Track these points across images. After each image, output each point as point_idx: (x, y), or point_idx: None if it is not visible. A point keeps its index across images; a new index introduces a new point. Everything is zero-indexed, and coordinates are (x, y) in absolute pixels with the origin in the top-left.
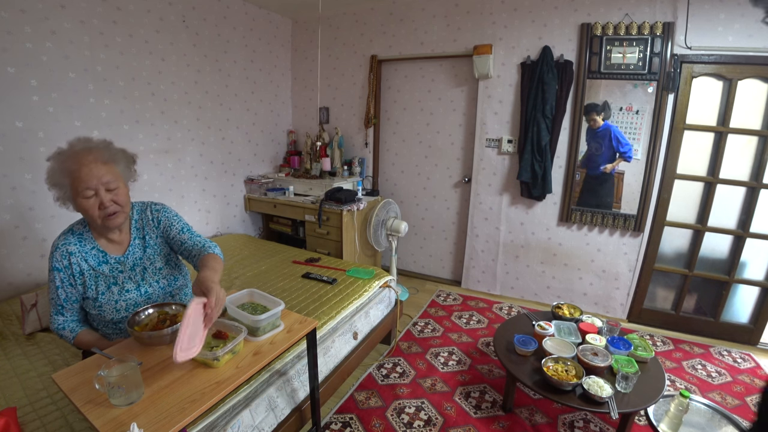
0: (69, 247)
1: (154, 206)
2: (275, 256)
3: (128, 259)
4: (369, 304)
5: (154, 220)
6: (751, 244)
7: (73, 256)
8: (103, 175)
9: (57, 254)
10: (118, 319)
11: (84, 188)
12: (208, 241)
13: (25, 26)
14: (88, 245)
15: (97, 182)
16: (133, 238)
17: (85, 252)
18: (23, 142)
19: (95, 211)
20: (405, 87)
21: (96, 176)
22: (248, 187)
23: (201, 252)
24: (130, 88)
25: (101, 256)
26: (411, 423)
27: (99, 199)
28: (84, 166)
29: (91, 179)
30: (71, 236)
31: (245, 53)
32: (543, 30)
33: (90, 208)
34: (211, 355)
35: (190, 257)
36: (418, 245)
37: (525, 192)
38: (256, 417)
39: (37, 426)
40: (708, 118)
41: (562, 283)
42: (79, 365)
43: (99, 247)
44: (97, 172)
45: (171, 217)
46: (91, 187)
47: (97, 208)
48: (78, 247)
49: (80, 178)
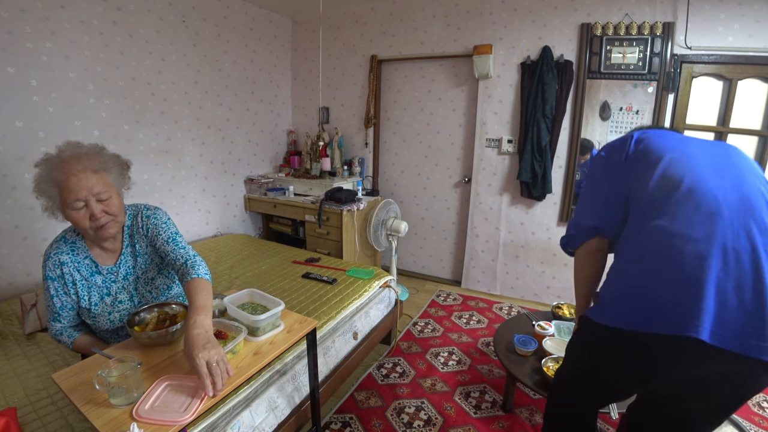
0: (61, 257)
1: (145, 211)
2: (275, 256)
3: (120, 268)
4: (369, 304)
5: (143, 227)
6: None
7: (65, 266)
8: (94, 185)
9: (49, 263)
10: (114, 329)
11: (73, 200)
12: (193, 257)
13: (25, 26)
14: (80, 255)
15: (87, 193)
16: (125, 246)
17: (77, 262)
18: (23, 142)
19: (86, 222)
20: (405, 87)
21: (85, 187)
22: (248, 187)
23: (184, 272)
24: (130, 88)
25: (94, 266)
26: (411, 423)
27: (90, 211)
28: (72, 175)
29: (80, 190)
30: (63, 245)
31: (245, 53)
32: (543, 30)
33: (80, 219)
34: None
35: (175, 271)
36: (418, 245)
37: (525, 192)
38: (256, 417)
39: (37, 426)
40: (708, 118)
41: (562, 283)
42: (79, 365)
43: (92, 257)
44: (86, 183)
45: (160, 224)
46: (81, 198)
47: (88, 220)
48: (70, 257)
49: (69, 188)
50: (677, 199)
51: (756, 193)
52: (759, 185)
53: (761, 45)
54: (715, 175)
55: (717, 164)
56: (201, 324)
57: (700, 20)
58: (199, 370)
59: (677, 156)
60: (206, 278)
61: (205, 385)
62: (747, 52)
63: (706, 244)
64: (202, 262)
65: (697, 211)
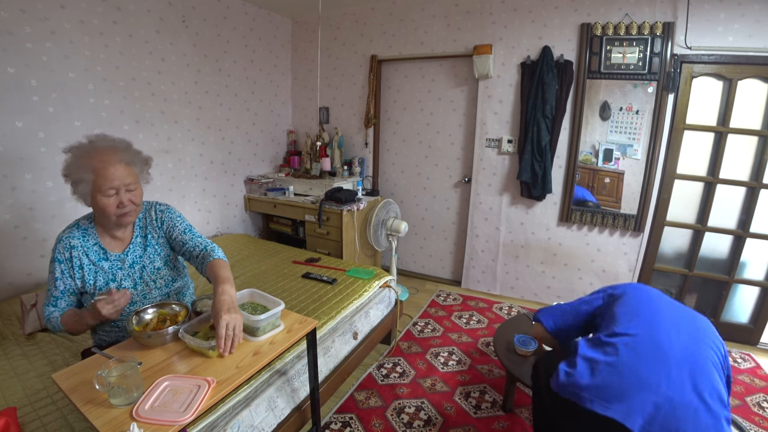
0: (72, 241)
1: (158, 206)
2: (275, 256)
3: (127, 256)
4: (369, 304)
5: (157, 220)
6: (751, 244)
7: (75, 249)
8: (126, 176)
9: (60, 246)
10: (116, 318)
11: (108, 187)
12: (211, 243)
13: (25, 26)
14: (90, 241)
15: (119, 183)
16: (135, 236)
17: (87, 247)
18: (23, 142)
19: (113, 208)
20: (405, 87)
21: (119, 177)
22: (248, 187)
23: (204, 256)
24: (130, 88)
25: (102, 252)
26: (411, 423)
27: (119, 199)
28: (110, 165)
29: (114, 179)
30: (76, 230)
31: (245, 53)
32: (543, 30)
33: (109, 205)
34: (207, 345)
35: (192, 259)
36: (418, 245)
37: (525, 192)
38: (256, 417)
39: (37, 426)
40: (708, 118)
41: (562, 283)
42: (79, 365)
43: (101, 243)
44: (121, 173)
45: (175, 218)
46: (114, 187)
47: (115, 207)
48: (81, 242)
49: (105, 176)
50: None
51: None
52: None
53: (761, 45)
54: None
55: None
56: (227, 291)
57: (700, 20)
58: (220, 331)
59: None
60: (225, 260)
61: (221, 346)
62: (747, 52)
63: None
64: (218, 247)
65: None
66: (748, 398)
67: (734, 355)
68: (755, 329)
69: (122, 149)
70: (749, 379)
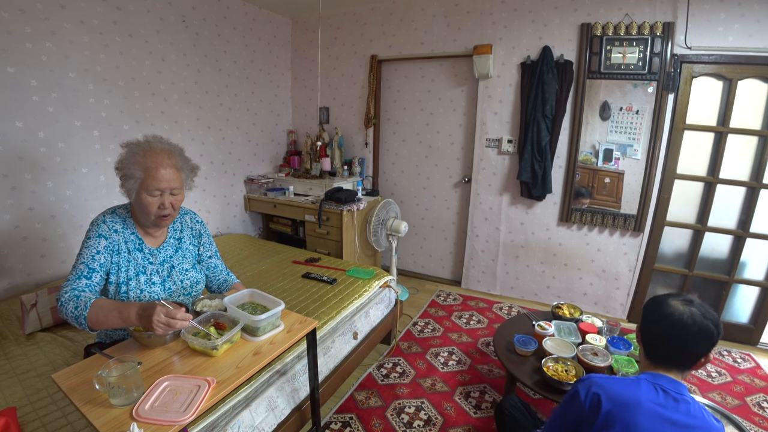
0: (116, 225)
1: (195, 217)
2: (275, 256)
3: (160, 253)
4: (369, 304)
5: (194, 230)
6: (751, 244)
7: (117, 234)
8: (174, 180)
9: (104, 226)
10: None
11: (155, 188)
12: (228, 270)
13: (25, 26)
14: (129, 230)
15: (167, 185)
16: (169, 236)
17: (125, 235)
18: (23, 142)
19: (154, 208)
20: (405, 87)
21: (168, 180)
22: (248, 187)
23: (226, 279)
24: (130, 88)
25: (138, 243)
26: (411, 423)
27: (161, 200)
28: (162, 167)
29: (163, 181)
30: (117, 217)
31: (245, 53)
32: (543, 30)
33: (152, 204)
34: (210, 344)
35: (213, 278)
36: (418, 245)
37: (525, 192)
38: (256, 417)
39: (37, 426)
40: (708, 118)
41: (562, 283)
42: (79, 365)
43: (138, 234)
44: (170, 177)
45: (210, 238)
46: (161, 188)
47: (157, 207)
48: (122, 227)
49: (156, 177)
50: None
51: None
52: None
53: (761, 45)
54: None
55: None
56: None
57: (700, 20)
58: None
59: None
60: (239, 282)
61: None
62: (747, 52)
63: None
64: (231, 272)
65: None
66: (748, 398)
67: (734, 355)
68: (755, 329)
69: (176, 154)
70: (749, 379)
